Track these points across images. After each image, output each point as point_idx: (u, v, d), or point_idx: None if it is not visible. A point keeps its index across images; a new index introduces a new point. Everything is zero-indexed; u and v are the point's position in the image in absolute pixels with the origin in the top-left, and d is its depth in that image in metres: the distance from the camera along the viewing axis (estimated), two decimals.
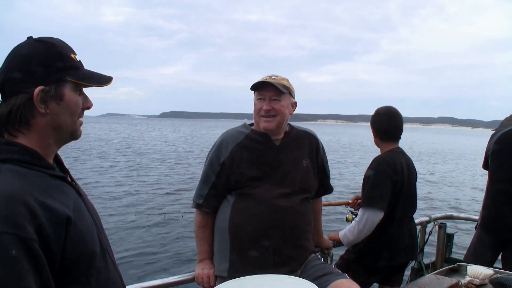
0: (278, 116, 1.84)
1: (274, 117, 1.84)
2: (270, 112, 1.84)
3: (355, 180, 13.31)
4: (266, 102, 1.84)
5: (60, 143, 1.03)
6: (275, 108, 1.83)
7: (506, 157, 2.73)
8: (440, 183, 11.74)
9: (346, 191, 10.80)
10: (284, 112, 1.85)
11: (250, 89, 1.89)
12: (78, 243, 0.93)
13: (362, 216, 2.31)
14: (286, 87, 1.84)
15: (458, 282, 1.85)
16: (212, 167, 1.90)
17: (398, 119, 2.48)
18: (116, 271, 1.12)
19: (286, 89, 1.84)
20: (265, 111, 1.84)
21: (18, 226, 0.81)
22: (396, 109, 2.51)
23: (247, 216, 1.82)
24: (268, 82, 1.83)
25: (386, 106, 2.54)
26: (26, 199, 0.84)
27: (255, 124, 1.94)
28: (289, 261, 1.86)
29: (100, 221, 1.13)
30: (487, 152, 2.90)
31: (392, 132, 2.48)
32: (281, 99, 1.84)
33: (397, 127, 2.48)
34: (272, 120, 1.84)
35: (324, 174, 2.08)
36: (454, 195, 10.20)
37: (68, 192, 1.00)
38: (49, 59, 0.96)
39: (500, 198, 2.75)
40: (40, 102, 0.94)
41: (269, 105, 1.84)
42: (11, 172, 0.89)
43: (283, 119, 1.86)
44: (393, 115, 2.48)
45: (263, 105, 1.85)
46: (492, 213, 2.79)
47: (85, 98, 1.05)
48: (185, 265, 5.82)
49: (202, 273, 1.92)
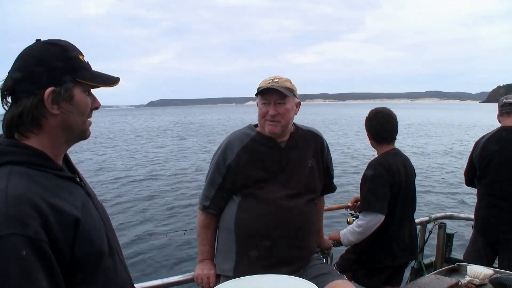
0: (283, 120, 1.84)
1: (279, 122, 1.84)
2: (276, 117, 1.83)
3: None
4: (272, 107, 1.82)
5: (70, 143, 1.05)
6: (280, 113, 1.82)
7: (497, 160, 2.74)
8: (440, 182, 11.73)
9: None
10: (289, 116, 1.85)
11: (255, 95, 1.87)
12: (87, 244, 0.94)
13: (363, 219, 2.33)
14: (290, 89, 1.83)
15: (458, 282, 1.86)
16: (219, 169, 1.90)
17: (391, 121, 2.46)
18: (125, 270, 1.13)
19: (290, 91, 1.83)
20: (271, 116, 1.83)
21: (28, 227, 0.82)
22: (389, 110, 2.51)
23: (253, 216, 1.83)
24: (272, 88, 1.81)
25: (378, 109, 2.53)
26: (35, 201, 0.86)
27: (260, 127, 1.93)
28: (294, 261, 1.87)
29: (109, 220, 1.14)
30: (472, 161, 2.90)
31: (386, 135, 2.48)
32: (286, 102, 1.83)
33: (391, 129, 2.47)
34: (277, 124, 1.84)
35: (327, 174, 2.08)
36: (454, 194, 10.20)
37: (76, 192, 1.01)
38: (60, 61, 0.98)
39: (489, 201, 2.77)
40: (51, 103, 0.95)
41: (275, 109, 1.82)
42: (21, 174, 0.90)
43: (288, 122, 1.86)
44: (386, 118, 2.46)
45: (268, 110, 1.83)
46: (483, 215, 2.81)
47: (93, 99, 1.07)
48: (185, 265, 5.82)
49: (202, 274, 1.93)
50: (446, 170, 13.69)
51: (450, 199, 9.80)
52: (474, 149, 2.89)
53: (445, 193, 10.35)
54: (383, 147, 2.50)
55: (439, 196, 10.04)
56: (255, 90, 1.88)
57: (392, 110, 2.53)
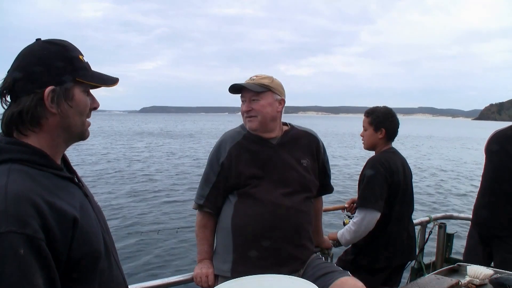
0: (259, 116, 1.88)
1: (255, 117, 1.88)
2: (251, 112, 1.88)
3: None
4: (246, 103, 1.89)
5: (69, 143, 1.05)
6: (255, 108, 1.87)
7: (505, 156, 2.72)
8: (440, 181, 11.75)
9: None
10: (264, 111, 1.88)
11: (229, 91, 1.92)
12: (84, 244, 0.94)
13: (359, 216, 2.33)
14: (265, 85, 1.87)
15: (458, 282, 1.85)
16: (213, 168, 1.93)
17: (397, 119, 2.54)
18: (120, 271, 1.13)
19: (264, 88, 1.87)
20: (245, 112, 1.90)
21: (26, 225, 0.82)
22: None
23: (250, 216, 1.83)
24: (239, 85, 1.87)
25: (387, 108, 2.55)
26: (34, 199, 0.86)
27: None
28: (292, 260, 1.87)
29: (106, 221, 1.14)
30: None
31: (397, 132, 2.52)
32: (260, 99, 1.87)
33: (399, 126, 2.53)
34: (253, 120, 1.89)
35: (325, 174, 2.09)
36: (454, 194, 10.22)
37: (74, 193, 1.01)
38: (60, 60, 0.98)
39: (489, 195, 2.76)
40: (51, 102, 0.95)
41: (248, 106, 1.88)
42: (20, 172, 0.90)
43: (265, 117, 1.89)
44: (396, 116, 2.52)
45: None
46: (480, 210, 2.80)
47: (92, 99, 1.07)
48: (185, 265, 5.81)
49: (201, 273, 1.93)
50: (446, 170, 13.69)
51: (450, 199, 9.80)
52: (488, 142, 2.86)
53: (445, 193, 10.35)
54: (385, 145, 2.51)
55: (439, 196, 10.05)
56: None
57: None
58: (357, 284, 1.71)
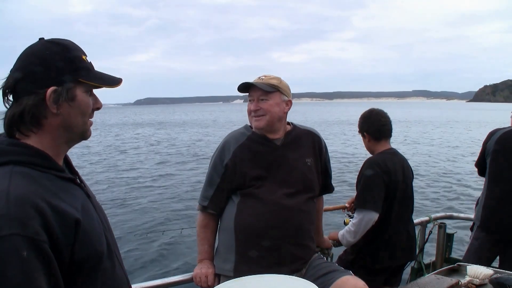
0: (267, 115, 1.88)
1: (263, 116, 1.88)
2: (259, 111, 1.89)
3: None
4: (254, 103, 1.89)
5: (71, 143, 1.05)
6: (263, 108, 1.88)
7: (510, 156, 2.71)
8: (440, 182, 11.74)
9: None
10: (273, 111, 1.88)
11: (238, 90, 1.92)
12: (86, 245, 0.94)
13: (357, 217, 2.35)
14: (273, 85, 1.87)
15: (458, 282, 1.86)
16: (216, 169, 1.93)
17: (386, 117, 2.53)
18: (123, 271, 1.13)
19: (273, 88, 1.87)
20: (253, 112, 1.90)
21: (29, 227, 0.82)
22: (380, 109, 2.56)
23: (253, 215, 1.84)
24: (249, 83, 1.87)
25: (371, 108, 2.58)
26: (36, 201, 0.86)
27: (250, 124, 1.99)
28: (294, 260, 1.87)
29: (108, 222, 1.14)
30: (485, 152, 2.88)
31: (385, 130, 2.50)
32: (269, 98, 1.88)
33: (389, 124, 2.52)
34: (261, 119, 1.89)
35: (326, 173, 2.10)
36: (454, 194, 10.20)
37: (76, 194, 1.01)
38: (62, 61, 0.97)
39: (505, 198, 2.73)
40: (53, 103, 0.95)
41: (257, 105, 1.89)
42: (22, 174, 0.90)
43: (272, 117, 1.89)
44: (382, 114, 2.53)
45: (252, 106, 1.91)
46: (494, 214, 2.77)
47: (95, 99, 1.06)
48: (185, 265, 5.82)
49: (201, 273, 1.93)
50: (446, 170, 13.69)
51: (450, 199, 9.79)
52: (488, 140, 2.83)
53: (445, 193, 10.35)
54: (381, 145, 2.51)
55: (439, 196, 10.04)
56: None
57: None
58: (359, 283, 1.71)
